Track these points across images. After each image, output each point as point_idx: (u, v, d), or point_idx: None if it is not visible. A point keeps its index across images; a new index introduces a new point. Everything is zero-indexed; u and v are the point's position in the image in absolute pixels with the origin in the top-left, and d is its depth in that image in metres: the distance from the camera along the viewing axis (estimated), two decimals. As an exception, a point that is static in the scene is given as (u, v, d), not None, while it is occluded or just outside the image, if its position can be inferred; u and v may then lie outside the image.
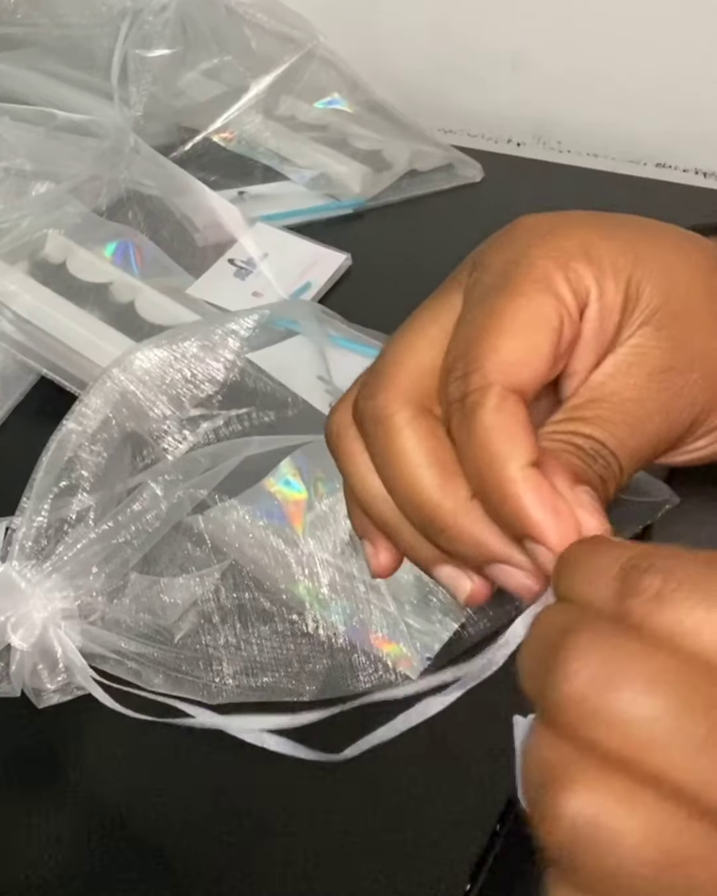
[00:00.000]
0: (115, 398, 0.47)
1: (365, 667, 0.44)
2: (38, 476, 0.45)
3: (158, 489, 0.44)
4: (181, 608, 0.44)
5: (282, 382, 0.53)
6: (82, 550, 0.43)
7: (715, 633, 0.20)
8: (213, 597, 0.45)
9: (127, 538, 0.43)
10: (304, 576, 0.45)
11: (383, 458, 0.29)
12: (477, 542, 0.27)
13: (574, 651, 0.21)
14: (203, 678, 0.43)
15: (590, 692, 0.20)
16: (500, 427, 0.27)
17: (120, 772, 0.43)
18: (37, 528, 0.44)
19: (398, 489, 0.28)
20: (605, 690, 0.20)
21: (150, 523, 0.43)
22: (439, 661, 0.45)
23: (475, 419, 0.27)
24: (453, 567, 0.29)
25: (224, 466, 0.46)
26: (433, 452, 0.28)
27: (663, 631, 0.20)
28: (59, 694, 0.43)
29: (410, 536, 0.29)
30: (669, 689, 0.20)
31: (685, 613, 0.20)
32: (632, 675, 0.20)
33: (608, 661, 0.20)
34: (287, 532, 0.46)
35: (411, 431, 0.28)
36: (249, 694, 0.43)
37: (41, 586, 0.43)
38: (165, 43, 0.75)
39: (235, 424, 0.50)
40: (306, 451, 0.48)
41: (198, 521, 0.47)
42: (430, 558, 0.29)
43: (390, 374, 0.30)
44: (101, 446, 0.46)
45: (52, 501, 0.44)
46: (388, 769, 0.43)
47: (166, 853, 0.41)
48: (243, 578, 0.46)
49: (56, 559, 0.43)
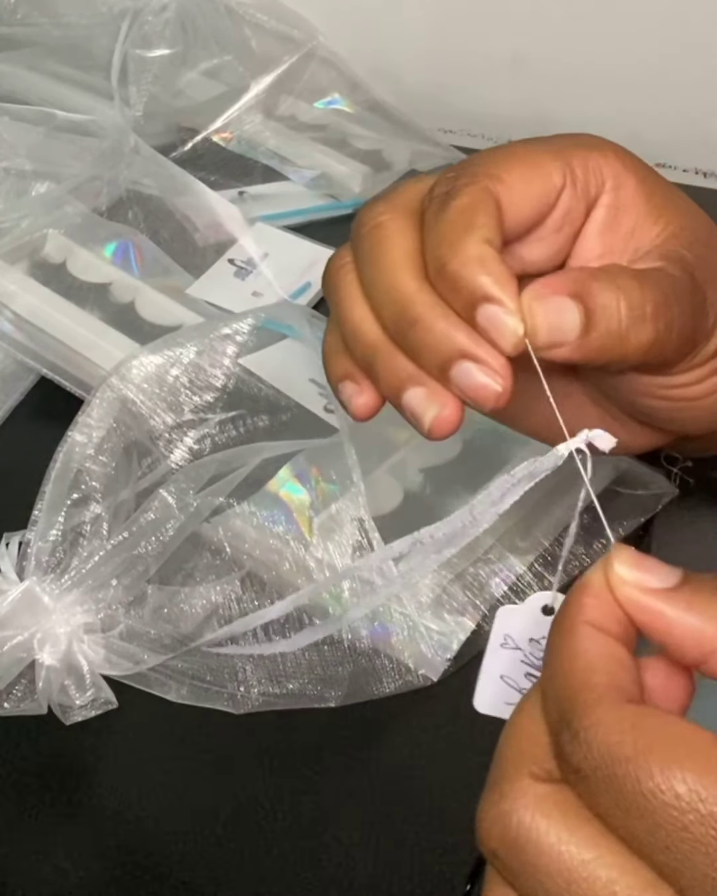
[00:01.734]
0: (117, 406, 0.46)
1: (388, 670, 0.44)
2: (47, 489, 0.44)
3: (170, 498, 0.44)
4: (202, 617, 0.44)
5: (275, 386, 0.53)
6: (100, 563, 0.43)
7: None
8: (234, 605, 0.45)
9: (144, 549, 0.43)
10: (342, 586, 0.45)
11: (370, 256, 0.30)
12: (445, 333, 0.28)
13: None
14: (228, 688, 0.43)
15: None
16: (469, 207, 0.28)
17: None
18: (52, 541, 0.43)
19: (379, 285, 0.30)
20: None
21: (165, 532, 0.43)
22: (459, 661, 0.45)
23: (450, 202, 0.29)
24: (424, 390, 0.30)
25: (238, 474, 0.46)
26: (416, 252, 0.29)
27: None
28: (86, 710, 0.43)
29: (387, 356, 0.30)
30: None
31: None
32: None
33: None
34: (302, 538, 0.46)
35: (399, 233, 0.30)
36: (275, 702, 0.43)
37: (62, 601, 0.42)
38: (165, 43, 0.75)
39: (231, 430, 0.50)
40: (308, 455, 0.48)
41: (212, 529, 0.46)
42: (404, 378, 0.30)
43: (388, 194, 0.32)
44: (108, 456, 0.45)
45: (64, 514, 0.44)
46: (388, 769, 0.43)
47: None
48: (264, 586, 0.45)
49: (74, 573, 0.43)
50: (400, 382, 0.30)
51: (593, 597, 0.24)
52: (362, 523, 0.45)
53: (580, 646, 0.24)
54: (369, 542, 0.44)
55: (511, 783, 0.23)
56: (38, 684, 0.42)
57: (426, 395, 0.30)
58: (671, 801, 0.20)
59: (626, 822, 0.21)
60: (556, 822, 0.22)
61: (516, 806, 0.23)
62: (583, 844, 0.22)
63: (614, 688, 0.23)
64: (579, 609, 0.24)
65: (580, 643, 0.24)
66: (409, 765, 0.43)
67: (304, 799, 0.42)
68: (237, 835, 0.41)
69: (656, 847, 0.21)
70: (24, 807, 0.42)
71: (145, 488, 0.46)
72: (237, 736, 0.44)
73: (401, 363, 0.30)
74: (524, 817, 0.22)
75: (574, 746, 0.22)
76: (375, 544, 0.44)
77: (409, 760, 0.43)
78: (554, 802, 0.23)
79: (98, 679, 0.42)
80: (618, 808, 0.21)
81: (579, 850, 0.22)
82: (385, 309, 0.30)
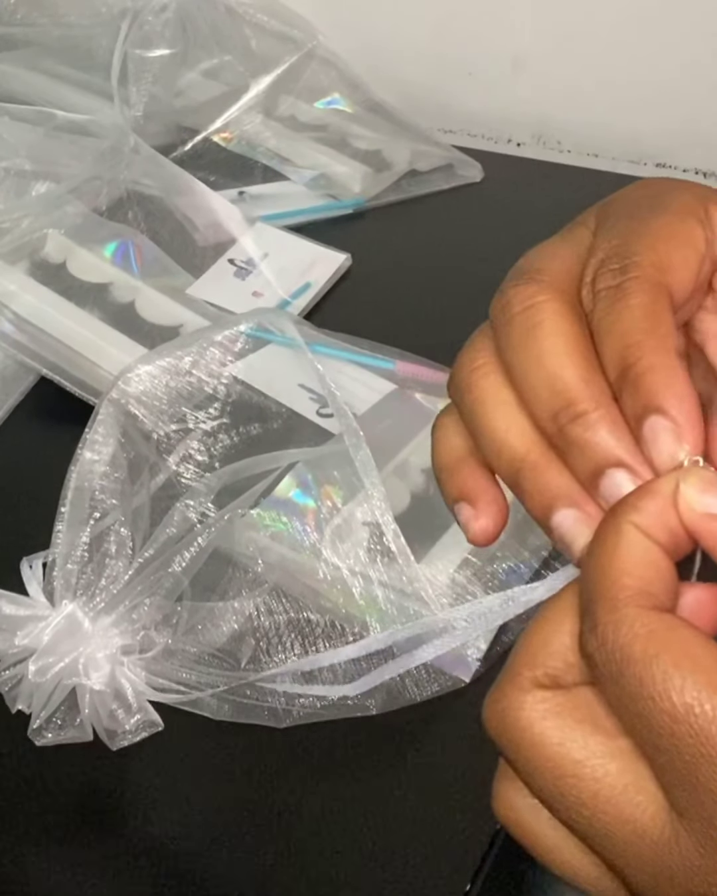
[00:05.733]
0: (121, 420, 0.46)
1: (422, 675, 0.44)
2: (66, 509, 0.43)
3: (189, 512, 0.44)
4: (238, 632, 0.43)
5: (264, 392, 0.52)
6: (133, 582, 0.42)
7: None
8: (266, 618, 0.44)
9: (179, 566, 0.42)
10: (357, 592, 0.45)
11: (525, 343, 0.27)
12: (612, 434, 0.26)
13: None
14: (269, 702, 0.42)
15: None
16: (650, 310, 0.26)
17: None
18: (79, 562, 0.42)
19: (538, 374, 0.27)
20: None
21: (194, 547, 0.42)
22: (488, 661, 0.45)
23: (628, 300, 0.26)
24: (577, 513, 0.27)
25: (259, 487, 0.46)
26: (581, 340, 0.27)
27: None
28: (133, 734, 0.41)
29: (538, 471, 0.28)
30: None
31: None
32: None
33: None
34: (315, 544, 0.46)
35: (560, 317, 0.27)
36: (315, 714, 0.43)
37: (99, 623, 0.41)
38: (165, 43, 0.75)
39: (226, 439, 0.50)
40: (310, 463, 0.48)
41: (237, 544, 0.46)
42: (555, 496, 0.27)
43: (536, 271, 0.28)
44: (120, 472, 0.45)
45: (88, 533, 0.43)
46: (389, 770, 0.43)
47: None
48: (297, 598, 0.45)
49: (105, 594, 0.42)
50: (551, 501, 0.28)
51: (649, 501, 0.25)
52: (377, 527, 0.45)
53: (623, 545, 0.24)
54: (386, 545, 0.44)
55: (514, 684, 0.25)
56: (83, 710, 0.40)
57: (580, 518, 0.27)
58: (668, 708, 0.22)
59: (627, 720, 0.23)
60: (549, 724, 0.24)
61: (514, 705, 0.24)
62: (576, 747, 0.24)
63: (644, 593, 0.23)
64: (631, 510, 0.25)
65: (623, 543, 0.24)
66: (410, 765, 0.43)
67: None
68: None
69: (652, 749, 0.22)
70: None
71: (156, 495, 0.46)
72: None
73: (553, 479, 0.27)
74: (521, 716, 0.24)
75: (591, 637, 0.23)
76: (394, 546, 0.43)
77: (410, 761, 0.43)
78: (553, 706, 0.24)
79: (143, 701, 0.41)
80: (620, 704, 0.23)
81: (569, 751, 0.24)
82: (542, 403, 0.27)
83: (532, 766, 0.24)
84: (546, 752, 0.24)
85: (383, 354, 0.57)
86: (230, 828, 0.42)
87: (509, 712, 0.24)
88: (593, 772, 0.23)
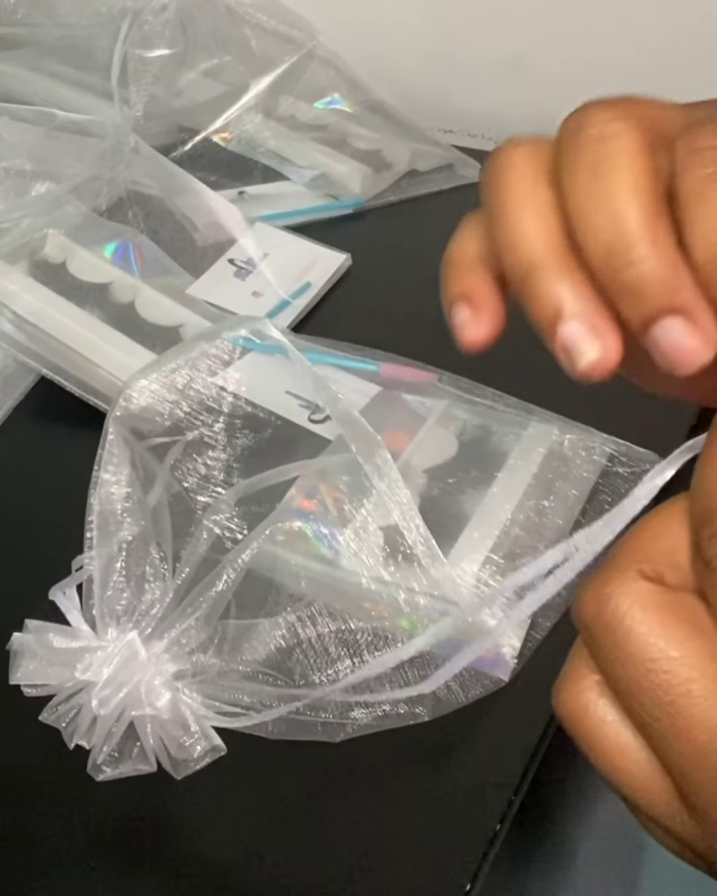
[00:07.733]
0: (128, 438, 0.46)
1: (464, 678, 0.44)
2: (93, 534, 0.42)
3: (215, 529, 0.43)
4: (285, 648, 0.42)
5: (253, 401, 0.52)
6: (175, 605, 0.41)
7: None
8: (311, 629, 0.44)
9: (225, 584, 0.41)
10: (401, 606, 0.44)
11: (594, 171, 0.25)
12: (671, 278, 0.24)
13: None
14: (322, 716, 0.42)
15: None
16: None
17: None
18: (117, 588, 0.41)
19: (601, 207, 0.25)
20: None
21: (239, 565, 0.42)
22: (522, 660, 0.45)
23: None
24: (587, 325, 0.25)
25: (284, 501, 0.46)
26: (656, 180, 0.25)
27: None
28: (198, 760, 0.40)
29: (555, 274, 0.25)
30: None
31: None
32: None
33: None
34: (330, 551, 0.46)
35: (639, 153, 0.25)
36: (368, 726, 0.42)
37: (152, 650, 0.40)
38: (165, 43, 0.75)
39: (220, 451, 0.50)
40: (316, 470, 0.48)
41: (274, 563, 0.46)
42: (566, 301, 0.25)
43: (618, 101, 0.26)
44: (137, 491, 0.44)
45: (123, 559, 0.42)
46: (389, 769, 0.43)
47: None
48: (338, 611, 0.44)
49: (149, 618, 0.41)
50: (560, 307, 0.25)
51: None
52: (396, 530, 0.44)
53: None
54: (406, 549, 0.44)
55: (620, 571, 0.24)
56: (147, 741, 0.39)
57: (590, 330, 0.25)
58: None
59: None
60: (652, 616, 0.23)
61: (618, 591, 0.24)
62: (674, 643, 0.23)
63: None
64: None
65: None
66: (410, 765, 0.43)
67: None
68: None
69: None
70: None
71: (171, 511, 0.46)
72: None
73: (566, 283, 0.25)
74: (623, 603, 0.23)
75: (711, 543, 0.23)
76: (424, 548, 0.43)
77: (410, 760, 0.43)
78: (657, 600, 0.23)
79: (206, 727, 0.40)
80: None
81: (668, 645, 0.23)
82: (600, 234, 0.25)
83: (626, 653, 0.23)
84: (643, 640, 0.23)
85: (366, 357, 0.56)
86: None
87: (613, 597, 0.24)
88: (688, 671, 0.23)
